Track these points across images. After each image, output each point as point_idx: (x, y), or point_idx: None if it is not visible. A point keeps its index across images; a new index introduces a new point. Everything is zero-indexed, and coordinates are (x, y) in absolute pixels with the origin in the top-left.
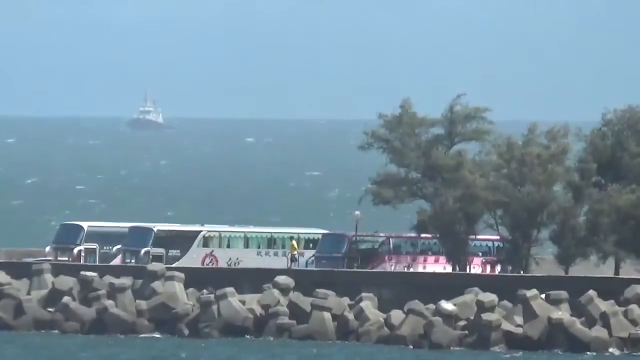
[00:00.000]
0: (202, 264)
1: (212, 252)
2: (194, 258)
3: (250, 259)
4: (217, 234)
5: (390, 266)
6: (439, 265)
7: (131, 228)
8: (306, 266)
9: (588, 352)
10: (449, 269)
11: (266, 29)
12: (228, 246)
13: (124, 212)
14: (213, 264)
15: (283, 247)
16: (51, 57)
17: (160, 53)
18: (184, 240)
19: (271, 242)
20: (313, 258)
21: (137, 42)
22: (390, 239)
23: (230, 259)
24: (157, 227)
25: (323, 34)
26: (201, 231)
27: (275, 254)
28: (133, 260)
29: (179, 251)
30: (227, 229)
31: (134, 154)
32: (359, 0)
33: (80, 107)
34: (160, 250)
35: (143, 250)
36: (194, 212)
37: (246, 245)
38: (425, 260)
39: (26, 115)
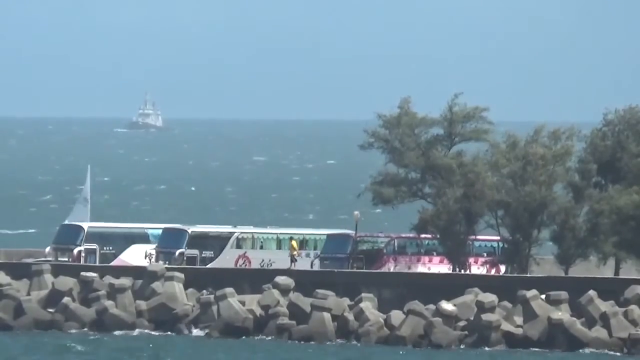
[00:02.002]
0: (236, 265)
1: (244, 253)
2: (227, 259)
3: (283, 261)
4: (250, 236)
5: (395, 267)
6: (443, 266)
7: (165, 229)
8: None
9: (587, 352)
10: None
11: (267, 30)
12: (261, 247)
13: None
14: (246, 265)
15: (315, 248)
16: (51, 58)
17: (161, 55)
18: (217, 242)
19: (303, 243)
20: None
21: (137, 44)
22: (395, 240)
23: (262, 260)
24: (192, 228)
25: (323, 35)
26: (234, 232)
27: (307, 255)
28: (167, 262)
29: (212, 252)
30: (259, 231)
31: (144, 156)
32: (359, 1)
33: (80, 109)
34: (194, 252)
35: (178, 252)
36: (209, 214)
37: (279, 247)
38: (430, 261)
39: (25, 116)
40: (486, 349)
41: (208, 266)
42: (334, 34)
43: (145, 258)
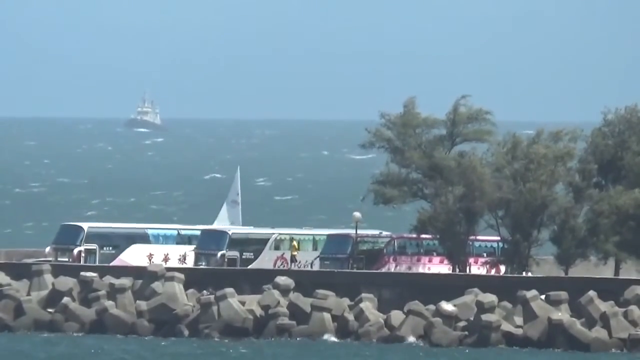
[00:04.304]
0: (274, 266)
1: (282, 254)
2: (266, 261)
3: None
4: (287, 237)
5: (396, 267)
6: (444, 266)
7: (204, 231)
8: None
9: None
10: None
11: (266, 30)
12: (298, 249)
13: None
14: (284, 266)
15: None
16: (49, 58)
17: (160, 55)
18: (256, 243)
19: None
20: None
21: (137, 44)
22: (395, 240)
23: (299, 261)
24: (232, 230)
25: (324, 36)
26: (273, 234)
27: None
28: (204, 263)
29: (252, 254)
30: (297, 232)
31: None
32: (361, 2)
33: (78, 109)
34: (234, 254)
35: (219, 253)
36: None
37: (315, 248)
38: (430, 261)
39: (24, 117)
40: (486, 349)
41: (249, 267)
42: (335, 34)
43: (183, 260)
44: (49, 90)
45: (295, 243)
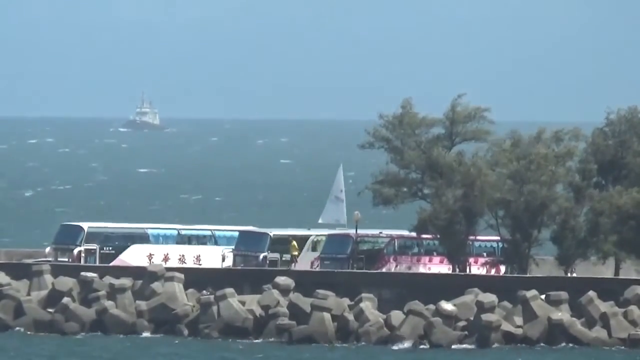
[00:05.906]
0: (311, 267)
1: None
2: (304, 262)
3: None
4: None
5: (396, 267)
6: (444, 266)
7: (243, 232)
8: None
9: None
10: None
11: (267, 30)
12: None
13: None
14: (318, 267)
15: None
16: (48, 58)
17: (158, 54)
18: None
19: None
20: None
21: (135, 43)
22: (395, 240)
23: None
24: (273, 232)
25: (323, 36)
26: (310, 235)
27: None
28: (243, 265)
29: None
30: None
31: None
32: (360, 2)
33: (77, 109)
34: (275, 255)
35: (261, 255)
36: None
37: None
38: (430, 261)
39: (24, 117)
40: (486, 349)
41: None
42: (335, 33)
43: (223, 261)
44: (48, 90)
45: (294, 243)
